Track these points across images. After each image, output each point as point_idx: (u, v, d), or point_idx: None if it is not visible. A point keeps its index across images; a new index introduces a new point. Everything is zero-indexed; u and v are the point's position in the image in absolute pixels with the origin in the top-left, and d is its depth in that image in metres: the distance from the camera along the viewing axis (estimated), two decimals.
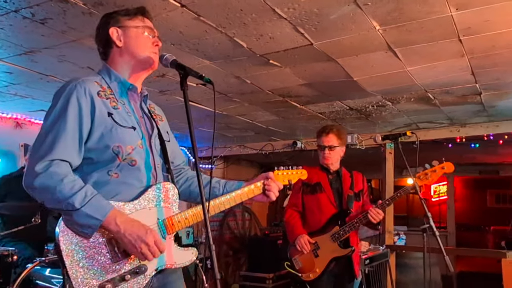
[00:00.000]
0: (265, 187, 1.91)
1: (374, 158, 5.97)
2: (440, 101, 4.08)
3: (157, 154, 1.78)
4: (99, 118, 1.62)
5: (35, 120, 4.79)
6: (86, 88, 1.63)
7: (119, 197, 1.63)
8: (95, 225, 1.53)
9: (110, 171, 1.63)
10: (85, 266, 1.55)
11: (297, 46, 2.79)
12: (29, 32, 2.52)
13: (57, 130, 1.57)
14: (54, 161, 1.55)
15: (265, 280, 5.32)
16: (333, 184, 3.33)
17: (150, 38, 1.77)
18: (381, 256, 4.76)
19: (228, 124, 5.15)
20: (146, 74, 1.82)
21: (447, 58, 2.98)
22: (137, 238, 1.55)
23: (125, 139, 1.65)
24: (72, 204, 1.51)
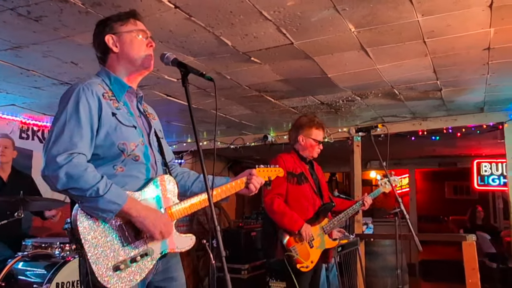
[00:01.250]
0: (248, 181, 2.21)
1: (341, 151, 6.33)
2: (404, 96, 4.48)
3: (156, 150, 2.02)
4: (105, 118, 1.82)
5: (3, 115, 4.81)
6: (94, 90, 1.83)
7: (126, 188, 1.85)
8: (116, 209, 1.75)
9: (116, 166, 1.85)
10: (101, 250, 1.76)
11: (279, 45, 3.06)
12: (21, 28, 2.66)
13: (73, 126, 1.75)
14: (75, 154, 1.73)
15: (241, 271, 5.56)
16: (313, 175, 3.54)
17: (144, 40, 1.98)
18: (352, 244, 5.11)
19: (203, 118, 5.36)
20: (142, 75, 2.04)
21: (413, 57, 3.34)
22: (154, 221, 1.81)
23: (129, 137, 1.87)
24: (96, 191, 1.71)
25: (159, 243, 1.89)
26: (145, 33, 1.99)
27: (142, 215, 1.80)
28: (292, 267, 3.20)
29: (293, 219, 3.24)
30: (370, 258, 5.77)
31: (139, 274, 1.83)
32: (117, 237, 1.80)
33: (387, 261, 5.82)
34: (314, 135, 3.46)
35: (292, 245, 3.25)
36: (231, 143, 6.60)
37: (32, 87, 3.92)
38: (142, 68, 1.99)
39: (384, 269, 5.77)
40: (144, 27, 2.01)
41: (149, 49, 1.99)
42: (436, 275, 8.02)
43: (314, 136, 3.46)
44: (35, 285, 3.25)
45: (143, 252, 1.85)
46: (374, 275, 5.78)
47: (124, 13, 1.99)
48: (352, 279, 5.21)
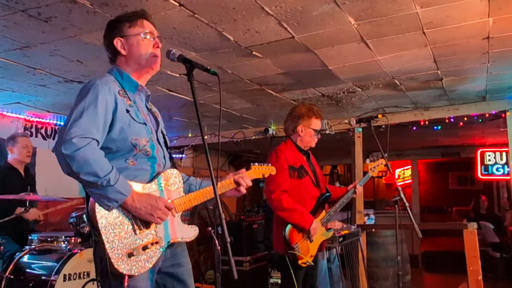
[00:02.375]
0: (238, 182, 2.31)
1: (341, 143, 6.46)
2: (405, 87, 4.60)
3: (163, 146, 2.16)
4: (120, 114, 1.94)
5: (8, 113, 4.95)
6: (111, 87, 1.95)
7: (137, 180, 2.00)
8: (121, 199, 1.88)
9: (127, 159, 1.99)
10: (116, 237, 1.91)
11: (280, 39, 3.20)
12: (30, 29, 2.79)
13: (90, 114, 1.86)
14: (90, 139, 1.83)
15: (242, 263, 5.74)
16: (310, 166, 3.56)
17: (151, 41, 2.10)
18: (353, 234, 5.26)
19: (203, 112, 5.49)
20: (149, 75, 2.17)
21: (413, 48, 3.47)
22: (150, 207, 1.94)
23: (141, 133, 2.01)
24: (108, 180, 1.82)
25: (166, 233, 2.05)
26: (151, 33, 2.10)
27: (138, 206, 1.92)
28: (294, 263, 3.23)
29: (304, 216, 3.25)
30: (372, 249, 5.91)
31: (150, 261, 2.00)
32: (130, 226, 1.96)
33: (389, 251, 5.96)
34: (314, 125, 3.45)
35: (295, 242, 3.25)
36: (231, 137, 6.72)
37: (38, 85, 4.05)
38: (148, 67, 2.10)
39: (386, 259, 5.91)
40: (153, 27, 2.13)
41: (155, 49, 2.10)
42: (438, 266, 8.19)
43: (314, 126, 3.45)
44: (43, 277, 3.42)
45: (154, 241, 2.01)
46: (375, 265, 5.93)
47: (133, 14, 2.10)
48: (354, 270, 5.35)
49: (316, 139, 3.51)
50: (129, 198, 1.91)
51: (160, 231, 2.04)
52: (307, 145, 3.50)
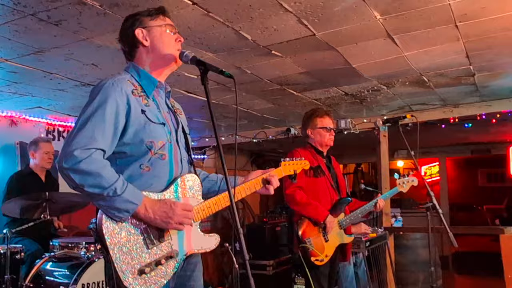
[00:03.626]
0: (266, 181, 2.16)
1: (366, 141, 6.24)
2: (434, 84, 4.36)
3: (182, 148, 2.00)
4: (134, 115, 1.81)
5: (30, 117, 4.92)
6: (123, 87, 1.82)
7: (151, 188, 1.84)
8: (132, 209, 1.74)
9: (142, 165, 1.83)
10: (126, 253, 1.76)
11: (300, 37, 3.01)
12: (42, 33, 2.69)
13: (96, 121, 1.74)
14: (93, 149, 1.71)
15: (266, 267, 5.56)
16: (330, 169, 3.53)
17: (172, 35, 1.97)
18: (380, 238, 5.06)
19: (223, 113, 5.36)
20: (170, 70, 2.03)
21: (443, 42, 3.23)
22: (166, 214, 1.79)
23: (157, 134, 1.85)
24: (114, 190, 1.70)
25: (183, 244, 1.89)
26: (173, 28, 1.99)
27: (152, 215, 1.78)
28: (307, 260, 3.20)
29: (319, 209, 3.26)
30: (400, 252, 5.69)
31: (164, 277, 1.84)
32: (142, 240, 1.80)
33: (418, 255, 5.73)
34: (320, 124, 3.48)
35: (307, 237, 3.24)
36: (253, 137, 6.58)
37: (56, 90, 3.98)
38: (171, 62, 1.97)
39: (415, 264, 5.68)
40: (172, 23, 2.01)
41: (177, 44, 1.98)
42: (470, 268, 7.86)
43: (320, 124, 3.47)
44: (62, 286, 3.33)
45: (168, 255, 1.85)
46: (404, 269, 5.70)
47: (154, 9, 1.99)
48: (382, 275, 5.16)
49: (330, 136, 3.49)
50: (141, 207, 1.76)
51: (177, 243, 1.88)
52: (323, 144, 3.50)
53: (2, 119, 4.75)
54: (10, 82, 3.67)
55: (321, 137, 3.48)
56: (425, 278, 5.63)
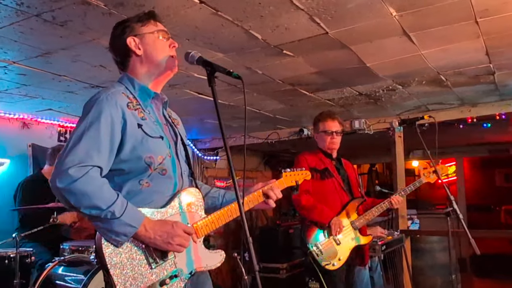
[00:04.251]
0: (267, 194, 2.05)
1: (380, 141, 6.09)
2: (451, 83, 4.20)
3: (182, 161, 1.89)
4: (130, 130, 1.70)
5: (42, 119, 4.90)
6: (117, 101, 1.71)
7: (151, 205, 1.74)
8: (130, 232, 1.63)
9: (141, 181, 1.73)
10: (128, 274, 1.66)
11: (312, 36, 2.89)
12: (48, 34, 2.63)
13: (91, 137, 1.63)
14: (89, 167, 1.61)
15: (279, 270, 5.45)
16: (340, 171, 3.47)
17: (166, 41, 1.86)
18: (397, 241, 4.92)
19: (234, 114, 5.26)
20: (167, 78, 1.91)
21: (462, 40, 3.09)
22: (167, 235, 1.68)
23: (156, 149, 1.75)
24: (112, 213, 1.59)
25: (188, 262, 1.80)
26: (166, 33, 1.88)
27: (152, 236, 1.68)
28: (318, 264, 3.15)
29: (324, 212, 3.22)
30: (417, 256, 5.54)
31: None
32: (144, 259, 1.71)
33: (436, 259, 5.56)
34: (322, 127, 3.48)
35: (313, 242, 3.21)
36: (266, 138, 6.47)
37: (65, 92, 3.93)
38: (167, 70, 1.87)
39: (433, 268, 5.52)
40: (164, 27, 1.90)
41: (172, 50, 1.87)
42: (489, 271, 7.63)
43: (322, 128, 3.48)
44: None
45: (172, 274, 1.76)
46: (421, 273, 5.55)
47: (143, 14, 1.88)
48: (398, 279, 5.02)
49: (331, 139, 3.44)
50: (140, 229, 1.65)
51: (181, 261, 1.78)
52: (327, 148, 3.48)
53: (14, 122, 4.73)
54: (20, 85, 3.63)
55: (322, 141, 3.49)
56: (443, 282, 5.47)
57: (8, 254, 3.41)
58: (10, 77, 3.44)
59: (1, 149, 4.62)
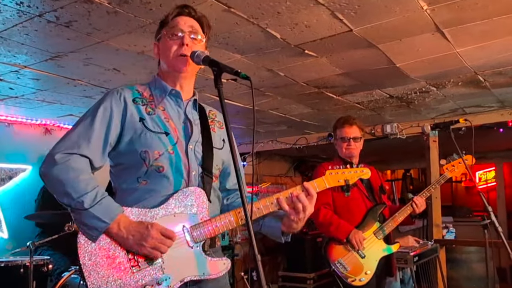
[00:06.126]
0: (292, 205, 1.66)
1: (415, 146, 5.75)
2: (490, 83, 3.86)
3: (194, 161, 1.68)
4: (129, 123, 1.63)
5: (64, 125, 4.83)
6: (122, 94, 1.66)
7: (142, 204, 1.60)
8: (102, 228, 1.50)
9: (140, 178, 1.62)
10: (105, 277, 1.49)
11: (335, 34, 2.64)
12: (54, 36, 2.50)
13: (84, 126, 1.60)
14: (74, 155, 1.56)
15: (306, 280, 5.19)
16: (363, 179, 3.17)
17: (174, 40, 1.68)
18: (430, 252, 4.57)
19: (259, 119, 5.06)
20: (183, 78, 1.75)
21: (503, 36, 2.77)
22: (140, 236, 1.51)
23: (153, 144, 1.62)
24: (81, 203, 1.50)
25: (178, 269, 1.57)
26: (179, 29, 1.68)
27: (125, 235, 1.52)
28: (344, 282, 2.96)
29: (340, 227, 3.01)
30: (453, 267, 5.18)
31: None
32: (125, 262, 1.52)
33: (473, 270, 5.19)
34: (339, 134, 3.26)
35: (337, 258, 2.99)
36: (294, 143, 6.23)
37: (83, 97, 3.82)
38: (175, 71, 1.70)
39: (470, 279, 5.15)
40: (180, 21, 1.71)
41: (179, 49, 1.68)
42: None
43: (339, 135, 3.26)
44: None
45: (158, 280, 1.54)
46: (457, 285, 5.19)
47: (167, 15, 1.75)
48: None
49: (347, 146, 3.20)
50: (113, 226, 1.51)
51: (170, 267, 1.56)
52: (344, 155, 3.24)
53: (36, 128, 4.68)
54: (35, 90, 3.54)
55: (340, 149, 3.25)
56: None
57: (24, 262, 3.28)
58: (24, 82, 3.35)
59: (22, 156, 4.56)
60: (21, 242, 3.88)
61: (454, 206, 10.49)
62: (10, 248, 4.15)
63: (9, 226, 4.33)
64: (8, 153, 4.44)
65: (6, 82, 3.35)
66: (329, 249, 3.04)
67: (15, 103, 3.98)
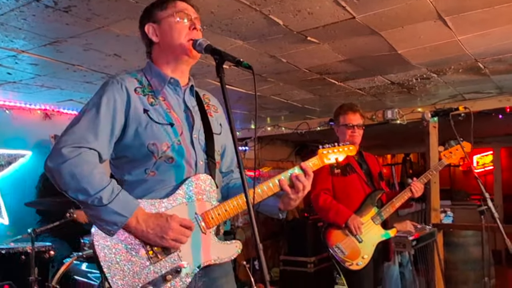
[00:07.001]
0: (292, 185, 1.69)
1: (415, 131, 5.76)
2: (490, 70, 3.84)
3: (199, 150, 1.69)
4: (133, 114, 1.59)
5: (64, 110, 4.78)
6: (123, 83, 1.62)
7: (153, 195, 1.59)
8: (121, 222, 1.49)
9: (147, 169, 1.60)
10: (124, 269, 1.51)
11: (338, 21, 2.62)
12: (52, 21, 2.46)
13: (90, 118, 1.55)
14: (84, 148, 1.51)
15: (307, 264, 5.23)
16: (362, 165, 3.26)
17: (185, 23, 1.65)
18: (428, 236, 4.59)
19: (262, 105, 5.05)
20: (188, 65, 1.74)
21: (503, 24, 2.75)
22: (160, 229, 1.52)
23: (160, 136, 1.60)
24: (99, 199, 1.47)
25: (195, 255, 1.60)
26: (185, 14, 1.66)
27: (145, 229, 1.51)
28: (342, 266, 3.01)
29: (339, 212, 3.03)
30: (450, 250, 5.22)
31: None
32: (143, 253, 1.54)
33: (469, 253, 5.23)
34: (342, 121, 3.24)
35: (335, 243, 3.03)
36: (295, 128, 6.21)
37: (83, 82, 3.79)
38: (183, 55, 1.67)
39: (466, 262, 5.20)
40: (187, 6, 1.69)
41: (191, 32, 1.66)
42: None
43: (343, 122, 3.24)
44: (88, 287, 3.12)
45: (176, 269, 1.56)
46: (454, 268, 5.24)
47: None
48: (429, 273, 4.70)
49: (352, 133, 3.19)
50: (131, 220, 1.50)
51: (187, 254, 1.58)
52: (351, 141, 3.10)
53: (35, 113, 4.60)
54: (34, 75, 3.51)
55: (343, 135, 3.21)
56: (476, 277, 5.11)
57: (25, 249, 3.28)
58: (22, 67, 3.30)
59: (22, 141, 4.49)
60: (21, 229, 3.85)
61: (452, 190, 10.53)
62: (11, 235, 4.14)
63: (9, 212, 4.30)
64: (7, 138, 4.38)
65: (4, 67, 3.31)
66: (328, 234, 3.07)
67: (13, 88, 3.93)
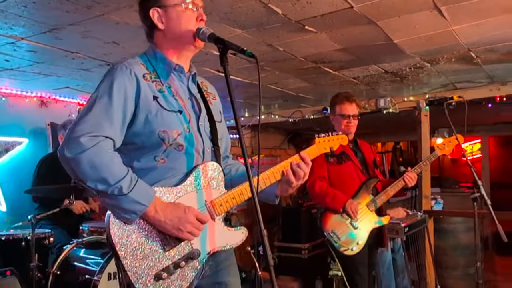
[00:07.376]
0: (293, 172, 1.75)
1: (405, 120, 5.82)
2: (482, 60, 3.89)
3: (206, 137, 1.72)
4: (144, 101, 1.59)
5: (60, 97, 4.75)
6: (132, 70, 1.60)
7: (164, 182, 1.61)
8: (141, 210, 1.51)
9: (157, 157, 1.61)
10: (139, 257, 1.54)
11: (336, 10, 2.64)
12: (53, 8, 2.45)
13: (103, 106, 1.53)
14: (101, 137, 1.51)
15: (301, 250, 5.29)
16: (357, 153, 3.31)
17: (193, 12, 1.67)
18: (419, 222, 4.68)
19: (257, 93, 5.04)
20: (192, 53, 1.75)
21: (497, 14, 2.79)
22: (178, 221, 1.55)
23: (171, 123, 1.61)
24: (120, 188, 1.48)
25: (205, 242, 1.64)
26: (195, 3, 1.68)
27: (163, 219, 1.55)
28: (337, 252, 3.06)
29: (336, 197, 3.07)
30: (440, 236, 5.31)
31: (185, 280, 1.61)
32: (157, 241, 1.57)
33: (459, 239, 5.33)
34: (338, 110, 3.27)
35: (330, 229, 3.08)
36: (289, 116, 6.24)
37: (80, 69, 3.77)
38: (189, 44, 1.69)
39: (456, 248, 5.30)
40: None
41: (199, 23, 1.68)
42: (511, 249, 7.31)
43: (339, 111, 3.26)
44: (87, 275, 3.14)
45: (188, 256, 1.61)
46: (444, 253, 5.33)
47: None
48: (420, 259, 4.80)
49: (347, 123, 3.22)
50: (150, 209, 1.52)
51: (198, 242, 1.63)
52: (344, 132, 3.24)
53: (31, 100, 4.57)
54: (32, 62, 3.48)
55: (338, 125, 3.26)
56: (465, 262, 5.23)
57: (25, 236, 3.29)
58: (20, 54, 3.28)
59: (19, 128, 4.48)
60: (19, 216, 3.88)
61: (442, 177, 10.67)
62: (8, 222, 4.14)
63: (7, 200, 4.30)
64: (3, 125, 4.37)
65: (2, 54, 3.29)
66: (324, 219, 3.12)
67: (10, 75, 3.91)
